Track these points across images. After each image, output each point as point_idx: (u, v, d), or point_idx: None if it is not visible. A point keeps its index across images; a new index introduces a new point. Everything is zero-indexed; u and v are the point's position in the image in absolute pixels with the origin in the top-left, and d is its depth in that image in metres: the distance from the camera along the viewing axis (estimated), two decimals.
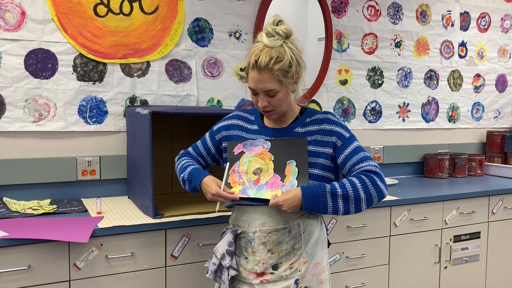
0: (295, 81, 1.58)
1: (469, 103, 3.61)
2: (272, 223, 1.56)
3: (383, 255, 2.50)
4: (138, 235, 1.91)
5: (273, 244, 1.56)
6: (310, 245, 1.59)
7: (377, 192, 1.50)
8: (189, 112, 2.09)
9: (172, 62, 2.54)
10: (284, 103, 1.58)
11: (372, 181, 1.50)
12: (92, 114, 2.38)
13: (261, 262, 1.57)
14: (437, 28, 3.37)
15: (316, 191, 1.48)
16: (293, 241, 1.57)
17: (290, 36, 1.55)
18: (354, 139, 1.61)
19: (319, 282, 1.60)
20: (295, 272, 1.56)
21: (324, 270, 1.62)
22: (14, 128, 2.22)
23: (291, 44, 1.54)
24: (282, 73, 1.51)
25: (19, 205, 2.13)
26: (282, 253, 1.56)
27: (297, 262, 1.57)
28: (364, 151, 1.59)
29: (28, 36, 2.22)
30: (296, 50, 1.55)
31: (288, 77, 1.53)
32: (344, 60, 3.04)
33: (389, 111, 3.24)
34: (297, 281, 1.56)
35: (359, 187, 1.49)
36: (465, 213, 2.75)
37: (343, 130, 1.61)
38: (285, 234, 1.56)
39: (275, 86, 1.52)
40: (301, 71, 1.58)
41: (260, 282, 1.57)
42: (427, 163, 3.29)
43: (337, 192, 1.48)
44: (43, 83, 2.27)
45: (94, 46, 2.34)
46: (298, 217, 1.58)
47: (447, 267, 2.72)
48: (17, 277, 1.71)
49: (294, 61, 1.53)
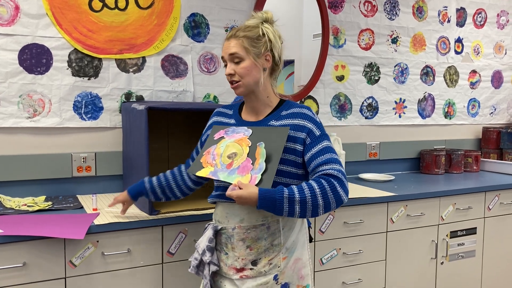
0: (267, 58, 1.60)
1: (465, 99, 3.61)
2: (251, 220, 1.56)
3: (380, 251, 2.50)
4: (134, 232, 1.90)
5: (251, 241, 1.56)
6: (290, 241, 1.59)
7: (335, 198, 1.45)
8: (185, 107, 2.07)
9: (168, 57, 2.52)
10: (251, 75, 1.58)
11: (332, 187, 1.45)
12: (87, 110, 2.36)
13: (240, 258, 1.58)
14: (434, 24, 3.37)
15: (273, 195, 1.43)
16: (272, 238, 1.56)
17: (268, 20, 1.62)
18: (324, 139, 1.56)
19: (299, 277, 1.60)
20: (274, 268, 1.56)
21: (305, 265, 1.62)
22: (8, 124, 2.20)
23: (269, 26, 1.61)
24: (249, 41, 1.57)
25: (13, 202, 2.10)
26: (261, 249, 1.56)
27: (276, 258, 1.56)
28: (332, 152, 1.53)
29: (22, 31, 2.20)
30: (272, 31, 1.60)
31: (255, 47, 1.57)
32: (340, 56, 3.03)
33: (385, 107, 3.23)
34: (276, 277, 1.56)
35: (317, 193, 1.44)
36: (462, 209, 2.75)
37: (315, 127, 1.57)
38: (263, 231, 1.56)
39: (239, 51, 1.57)
40: (275, 52, 1.61)
41: (240, 277, 1.58)
42: (423, 159, 3.29)
43: (294, 197, 1.43)
44: (38, 78, 2.24)
45: (89, 41, 2.32)
46: None
47: (444, 263, 2.72)
48: (12, 274, 1.70)
49: (266, 37, 1.58)
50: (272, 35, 1.60)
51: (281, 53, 1.64)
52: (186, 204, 2.13)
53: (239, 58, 1.58)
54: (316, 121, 1.59)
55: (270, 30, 1.60)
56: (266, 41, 1.58)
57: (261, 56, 1.59)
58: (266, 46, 1.59)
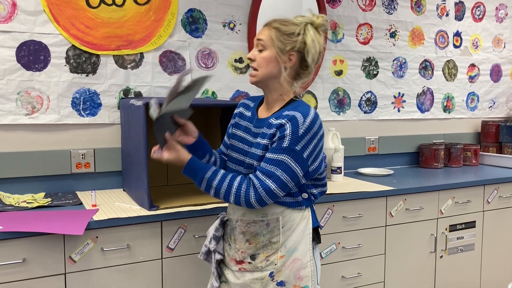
0: (291, 58, 1.55)
1: (464, 93, 3.61)
2: (251, 215, 1.59)
3: (379, 245, 2.50)
4: (133, 227, 1.90)
5: (251, 235, 1.59)
6: (291, 240, 1.58)
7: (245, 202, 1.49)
8: None
9: (166, 53, 2.52)
10: (268, 67, 1.55)
11: (246, 193, 1.49)
12: (85, 106, 2.36)
13: (240, 251, 1.61)
14: (432, 18, 3.36)
15: (197, 171, 1.53)
16: (270, 235, 1.57)
17: (315, 25, 1.56)
18: (286, 153, 1.47)
19: (297, 278, 1.57)
20: (271, 265, 1.57)
21: (305, 266, 1.58)
22: (6, 121, 2.20)
23: (312, 30, 1.55)
24: (278, 34, 1.54)
25: (13, 199, 2.11)
26: (259, 245, 1.58)
27: (273, 255, 1.57)
28: (278, 169, 1.47)
29: (19, 28, 2.19)
30: (312, 35, 1.54)
31: (282, 42, 1.53)
32: (339, 50, 3.03)
33: (384, 101, 3.23)
34: (272, 274, 1.56)
35: (232, 192, 1.50)
36: (461, 202, 2.75)
37: (290, 136, 1.47)
38: (262, 227, 1.57)
39: (266, 39, 1.55)
40: (307, 55, 1.54)
41: (239, 269, 1.61)
42: (422, 153, 3.30)
43: (212, 184, 1.52)
44: (36, 75, 2.24)
45: (86, 37, 2.32)
46: (278, 212, 1.57)
47: (443, 257, 2.73)
48: (12, 270, 1.70)
49: (299, 36, 1.53)
50: (310, 39, 1.54)
51: (315, 60, 1.57)
52: (185, 199, 2.13)
53: (263, 47, 1.56)
54: (297, 131, 1.47)
55: (310, 34, 1.54)
56: (297, 41, 1.53)
57: (285, 53, 1.54)
58: (294, 46, 1.54)
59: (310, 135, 1.49)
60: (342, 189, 2.44)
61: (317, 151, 1.53)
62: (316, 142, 1.52)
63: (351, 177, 2.83)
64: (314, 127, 1.50)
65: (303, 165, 1.50)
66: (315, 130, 1.50)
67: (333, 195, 2.32)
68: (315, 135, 1.51)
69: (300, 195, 1.59)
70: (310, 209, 1.64)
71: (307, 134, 1.48)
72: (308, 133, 1.49)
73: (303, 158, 1.49)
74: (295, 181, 1.52)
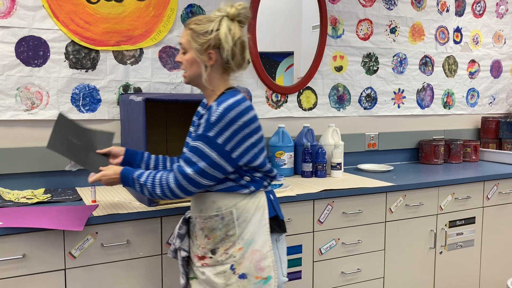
0: (210, 56, 1.58)
1: (464, 89, 3.60)
2: (207, 210, 1.62)
3: (379, 241, 2.50)
4: (133, 223, 1.90)
5: (208, 230, 1.62)
6: (248, 232, 1.59)
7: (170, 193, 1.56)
8: (183, 99, 2.07)
9: (166, 49, 2.51)
10: (192, 68, 1.61)
11: (167, 183, 1.55)
12: (85, 102, 2.35)
13: (201, 246, 1.65)
14: (432, 13, 3.35)
15: (128, 174, 1.62)
16: (226, 228, 1.60)
17: (230, 16, 1.58)
18: (202, 140, 1.52)
19: (258, 268, 1.58)
20: (230, 258, 1.59)
21: (265, 257, 1.59)
22: (6, 116, 2.20)
23: (226, 23, 1.57)
24: (193, 35, 1.58)
25: (12, 195, 2.11)
26: (217, 239, 1.61)
27: (232, 248, 1.59)
28: (194, 155, 1.53)
29: (18, 23, 2.19)
30: (226, 29, 1.56)
31: (197, 42, 1.57)
32: (339, 46, 3.02)
33: (384, 97, 3.23)
34: (233, 267, 1.58)
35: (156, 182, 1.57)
36: (460, 198, 2.76)
37: (206, 124, 1.52)
38: (218, 221, 1.60)
39: (184, 42, 1.61)
40: (223, 52, 1.56)
41: (202, 265, 1.65)
42: (422, 150, 3.30)
43: (140, 181, 1.60)
44: (35, 71, 2.24)
45: (86, 33, 2.31)
46: (232, 205, 1.59)
47: (442, 252, 2.73)
48: (12, 266, 1.70)
49: (214, 33, 1.56)
50: (223, 34, 1.55)
51: (235, 52, 1.58)
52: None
53: (184, 49, 1.62)
54: (209, 118, 1.51)
55: (224, 28, 1.56)
56: (212, 38, 1.56)
57: (204, 53, 1.58)
58: (210, 44, 1.56)
59: (224, 122, 1.50)
60: (342, 185, 2.44)
61: (238, 138, 1.52)
62: (236, 129, 1.51)
63: (351, 173, 2.83)
64: (229, 114, 1.50)
65: (220, 151, 1.51)
66: (231, 117, 1.50)
67: (333, 191, 2.32)
68: (232, 122, 1.51)
69: (242, 178, 1.60)
70: (266, 199, 1.64)
71: (221, 121, 1.50)
72: (222, 119, 1.50)
73: (218, 144, 1.51)
74: (215, 167, 1.53)
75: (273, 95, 2.85)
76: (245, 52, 1.63)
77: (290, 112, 2.91)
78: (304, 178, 2.64)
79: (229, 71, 1.64)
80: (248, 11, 1.61)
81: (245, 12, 1.60)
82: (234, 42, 1.57)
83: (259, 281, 1.58)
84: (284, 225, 1.71)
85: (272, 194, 1.71)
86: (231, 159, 1.54)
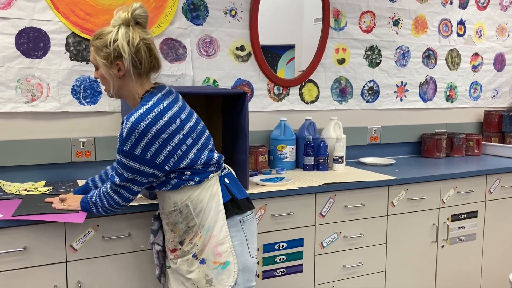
0: (119, 68, 1.59)
1: (467, 83, 3.58)
2: (166, 207, 1.68)
3: (381, 235, 2.50)
4: (134, 216, 1.89)
5: (172, 225, 1.68)
6: (205, 220, 1.63)
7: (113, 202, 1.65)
8: (184, 91, 2.05)
9: (167, 41, 2.49)
10: (106, 83, 1.64)
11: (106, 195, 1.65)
12: (86, 94, 2.34)
13: (170, 240, 1.71)
14: (436, 6, 3.32)
15: (84, 198, 1.72)
16: (186, 221, 1.64)
17: (128, 23, 1.57)
18: (119, 153, 1.56)
19: (215, 254, 1.62)
20: (194, 247, 1.65)
21: (222, 242, 1.62)
22: (6, 109, 2.19)
23: (122, 31, 1.56)
24: (97, 50, 1.60)
25: (13, 187, 2.10)
26: (181, 232, 1.66)
27: (195, 238, 1.64)
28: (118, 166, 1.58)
29: (18, 15, 2.17)
30: (122, 36, 1.55)
31: (102, 56, 1.58)
32: (341, 38, 3.00)
33: (386, 90, 3.21)
34: (195, 254, 1.65)
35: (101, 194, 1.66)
36: (463, 192, 2.74)
37: (119, 139, 1.54)
38: (178, 215, 1.65)
39: (92, 60, 1.63)
40: (124, 61, 1.56)
41: (174, 257, 1.71)
42: (424, 143, 3.28)
43: (92, 200, 1.68)
44: (35, 62, 2.22)
45: (86, 24, 2.29)
46: (186, 198, 1.63)
47: (444, 246, 2.72)
48: (13, 258, 1.70)
49: (113, 45, 1.55)
50: (120, 44, 1.55)
51: (141, 57, 1.57)
52: None
53: (95, 66, 1.65)
54: (122, 133, 1.52)
55: (120, 37, 1.55)
56: (112, 50, 1.56)
57: (112, 66, 1.59)
58: (114, 55, 1.57)
59: (135, 135, 1.51)
60: (344, 178, 2.42)
61: (156, 145, 1.53)
62: (151, 138, 1.52)
63: (353, 167, 2.82)
64: (138, 127, 1.50)
65: (141, 161, 1.54)
66: (141, 129, 1.50)
67: (335, 184, 2.31)
68: (143, 133, 1.51)
69: (183, 174, 1.61)
70: (219, 185, 1.66)
71: (132, 135, 1.51)
72: (132, 134, 1.51)
73: (136, 155, 1.53)
74: (142, 174, 1.57)
75: (275, 88, 2.83)
76: (153, 53, 1.62)
77: (292, 105, 2.89)
78: (306, 171, 2.63)
79: (144, 75, 1.64)
80: (143, 10, 1.59)
81: (140, 12, 1.58)
82: (137, 48, 1.57)
83: (218, 266, 1.62)
84: (245, 204, 1.71)
85: (228, 177, 1.73)
86: (156, 165, 1.56)
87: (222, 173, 1.71)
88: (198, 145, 1.63)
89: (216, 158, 1.67)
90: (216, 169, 1.68)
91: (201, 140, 1.64)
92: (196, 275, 1.64)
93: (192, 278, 1.65)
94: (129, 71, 1.59)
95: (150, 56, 1.61)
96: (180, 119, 1.58)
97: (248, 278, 1.68)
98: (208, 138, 1.70)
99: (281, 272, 2.24)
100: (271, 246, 2.20)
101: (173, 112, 1.57)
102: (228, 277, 1.63)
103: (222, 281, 1.62)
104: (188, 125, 1.61)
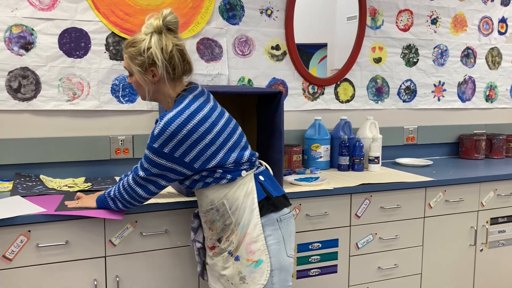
0: (154, 74, 1.62)
1: (508, 82, 3.47)
2: (203, 205, 1.70)
3: (417, 237, 2.45)
4: (171, 213, 1.92)
5: (210, 223, 1.70)
6: (242, 218, 1.64)
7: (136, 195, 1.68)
8: (220, 91, 2.07)
9: (203, 40, 2.51)
10: (140, 89, 1.67)
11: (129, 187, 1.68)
12: (124, 93, 2.39)
13: (208, 238, 1.74)
14: (476, 3, 3.24)
15: (100, 197, 1.76)
16: (223, 218, 1.66)
17: (160, 30, 1.59)
18: (148, 149, 1.59)
19: (248, 251, 1.63)
20: (230, 244, 1.66)
21: (255, 241, 1.63)
22: (49, 106, 2.26)
23: (154, 39, 1.58)
24: (131, 57, 1.62)
25: (55, 183, 2.17)
26: (219, 229, 1.68)
27: (231, 236, 1.66)
28: (145, 161, 1.61)
29: (61, 15, 2.23)
30: (156, 44, 1.57)
31: (137, 64, 1.61)
32: (378, 37, 2.96)
33: (424, 90, 3.15)
34: (231, 251, 1.67)
35: (121, 186, 1.70)
36: (503, 195, 2.66)
37: (150, 136, 1.57)
38: (215, 214, 1.67)
39: (127, 66, 1.67)
40: (159, 68, 1.59)
41: (213, 254, 1.74)
42: (462, 144, 3.20)
43: (110, 195, 1.73)
44: (77, 62, 2.28)
45: (125, 24, 2.34)
46: (222, 196, 1.64)
47: (483, 250, 2.65)
48: (55, 251, 1.75)
49: (147, 53, 1.58)
50: (154, 52, 1.58)
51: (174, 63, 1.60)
52: None
53: (129, 72, 1.68)
54: (154, 131, 1.56)
55: (154, 44, 1.58)
56: (147, 57, 1.59)
57: (147, 72, 1.62)
58: (148, 62, 1.60)
59: (166, 135, 1.54)
60: (380, 179, 2.39)
61: (185, 145, 1.55)
62: (181, 139, 1.54)
63: (389, 167, 2.78)
64: (170, 127, 1.53)
65: (170, 159, 1.57)
66: (172, 130, 1.53)
67: (371, 185, 2.28)
68: (174, 134, 1.54)
69: (215, 172, 1.62)
70: (254, 183, 1.66)
71: (163, 134, 1.54)
72: (163, 133, 1.54)
73: (165, 153, 1.56)
74: (170, 171, 1.60)
75: (310, 87, 2.82)
76: (185, 58, 1.65)
77: (327, 104, 2.87)
78: (340, 171, 2.61)
79: (178, 79, 1.66)
80: (174, 16, 1.61)
81: (171, 19, 1.60)
82: (170, 55, 1.60)
83: (251, 264, 1.63)
84: (280, 201, 1.71)
85: (263, 174, 1.73)
86: (185, 163, 1.59)
87: (257, 171, 1.72)
88: (229, 143, 1.64)
89: (247, 157, 1.67)
90: (249, 167, 1.69)
91: (232, 138, 1.66)
92: (230, 272, 1.66)
93: (226, 274, 1.67)
94: (163, 77, 1.62)
95: (183, 61, 1.64)
96: (211, 119, 1.60)
97: (285, 277, 1.67)
98: (240, 135, 1.71)
99: (315, 272, 2.23)
100: (305, 246, 2.19)
101: (204, 113, 1.59)
102: (260, 276, 1.63)
103: (254, 279, 1.63)
104: (219, 124, 1.63)
